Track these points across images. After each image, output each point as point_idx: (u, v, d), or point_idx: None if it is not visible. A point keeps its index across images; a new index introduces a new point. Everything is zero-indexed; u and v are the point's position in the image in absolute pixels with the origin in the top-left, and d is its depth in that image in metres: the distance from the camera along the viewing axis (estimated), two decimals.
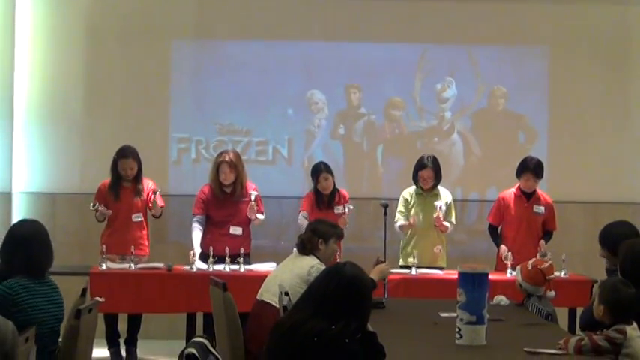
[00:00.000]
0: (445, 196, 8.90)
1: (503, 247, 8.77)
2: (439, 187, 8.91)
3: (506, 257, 8.49)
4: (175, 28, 10.37)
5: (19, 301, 5.35)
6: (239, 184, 8.75)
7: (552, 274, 6.83)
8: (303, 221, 8.61)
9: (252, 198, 8.68)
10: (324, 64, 10.39)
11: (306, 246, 6.87)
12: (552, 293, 6.80)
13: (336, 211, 8.84)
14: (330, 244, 6.90)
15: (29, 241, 5.54)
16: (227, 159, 8.71)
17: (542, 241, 8.70)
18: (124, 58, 10.28)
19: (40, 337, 5.24)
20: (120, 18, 10.34)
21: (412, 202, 8.87)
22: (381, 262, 7.16)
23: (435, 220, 8.74)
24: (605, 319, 5.26)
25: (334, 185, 8.96)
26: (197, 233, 8.74)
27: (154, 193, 8.78)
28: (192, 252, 8.51)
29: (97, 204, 8.66)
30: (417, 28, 10.39)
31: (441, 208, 8.71)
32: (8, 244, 5.59)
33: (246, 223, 8.83)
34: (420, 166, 8.86)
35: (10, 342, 4.51)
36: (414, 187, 8.91)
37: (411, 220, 8.80)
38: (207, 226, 8.79)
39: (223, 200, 8.78)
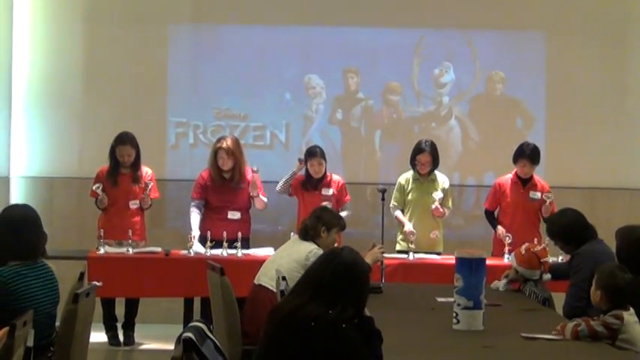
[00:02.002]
0: (442, 181, 8.90)
1: (500, 228, 8.75)
2: (436, 172, 8.91)
3: (506, 239, 8.46)
4: (173, 13, 10.35)
5: (14, 289, 5.31)
6: (237, 169, 8.75)
7: (546, 256, 6.87)
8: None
9: (251, 174, 8.76)
10: (322, 49, 10.37)
11: (308, 232, 6.91)
12: (548, 276, 6.85)
13: (323, 192, 8.86)
14: (331, 234, 6.94)
15: (21, 226, 5.50)
16: (224, 145, 8.71)
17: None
18: (122, 43, 10.26)
19: (37, 322, 5.22)
20: (117, 2, 10.33)
21: (409, 187, 8.87)
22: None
23: (433, 211, 8.75)
24: (602, 305, 5.27)
25: (325, 171, 8.95)
26: (195, 216, 8.75)
27: (147, 185, 8.77)
28: (190, 235, 8.52)
29: (101, 185, 8.66)
30: (415, 13, 10.37)
31: (440, 199, 8.72)
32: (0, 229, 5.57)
33: (244, 208, 8.84)
34: (418, 150, 8.86)
35: None
36: (410, 172, 8.90)
37: (407, 230, 8.76)
38: (205, 211, 8.80)
39: (222, 186, 8.79)
